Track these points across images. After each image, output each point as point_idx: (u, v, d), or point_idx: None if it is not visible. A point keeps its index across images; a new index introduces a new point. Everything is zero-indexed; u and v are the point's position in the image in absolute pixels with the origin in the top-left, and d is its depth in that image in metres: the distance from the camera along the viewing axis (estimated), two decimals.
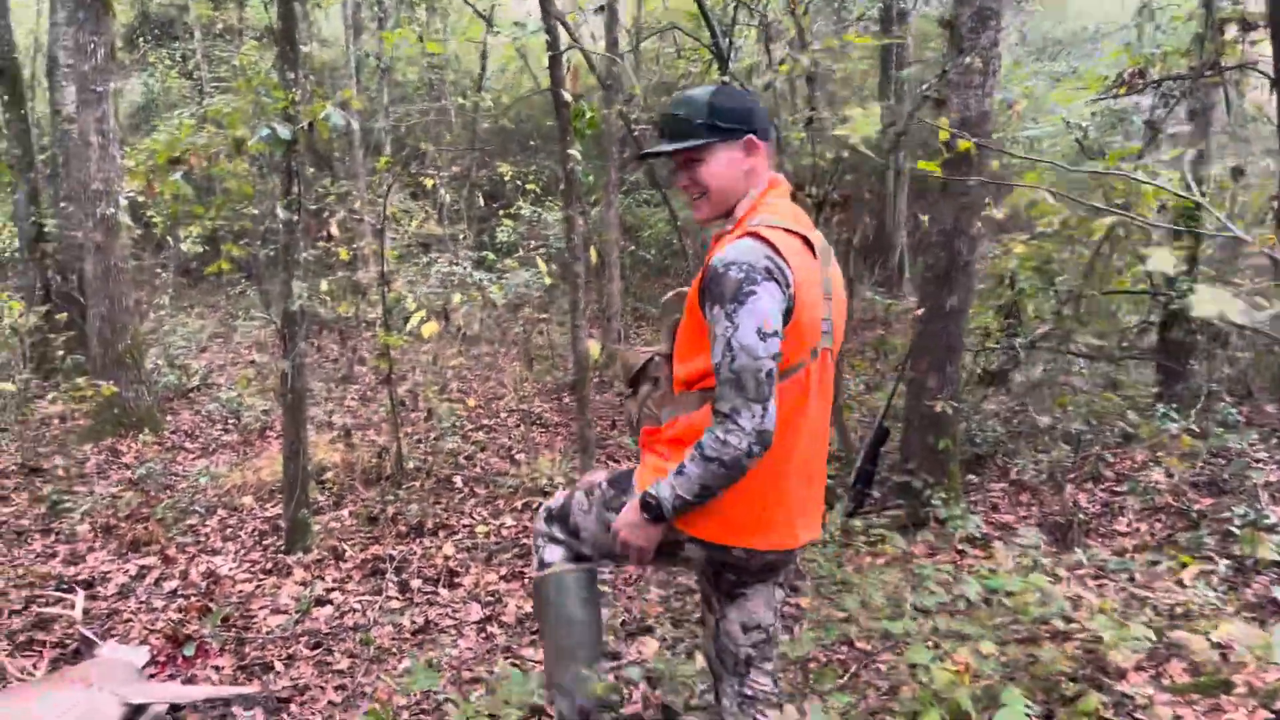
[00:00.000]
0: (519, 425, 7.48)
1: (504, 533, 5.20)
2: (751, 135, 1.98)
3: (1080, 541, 4.41)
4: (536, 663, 3.78)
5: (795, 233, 1.92)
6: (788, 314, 1.85)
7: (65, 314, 8.59)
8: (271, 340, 9.84)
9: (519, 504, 5.64)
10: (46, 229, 9.25)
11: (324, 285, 8.24)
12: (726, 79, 4.87)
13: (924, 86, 4.36)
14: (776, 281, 1.82)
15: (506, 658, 3.84)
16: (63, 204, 9.10)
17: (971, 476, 5.55)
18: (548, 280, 8.64)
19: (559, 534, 2.34)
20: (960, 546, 4.42)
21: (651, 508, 1.93)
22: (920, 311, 4.64)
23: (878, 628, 3.11)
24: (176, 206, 5.02)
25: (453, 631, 4.06)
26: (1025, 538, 3.62)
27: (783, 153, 5.14)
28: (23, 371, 8.52)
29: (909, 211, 11.65)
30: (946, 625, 2.89)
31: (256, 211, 9.91)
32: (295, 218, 4.66)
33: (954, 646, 2.82)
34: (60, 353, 8.44)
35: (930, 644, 2.79)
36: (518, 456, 6.66)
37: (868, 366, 8.21)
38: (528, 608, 4.24)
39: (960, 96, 4.48)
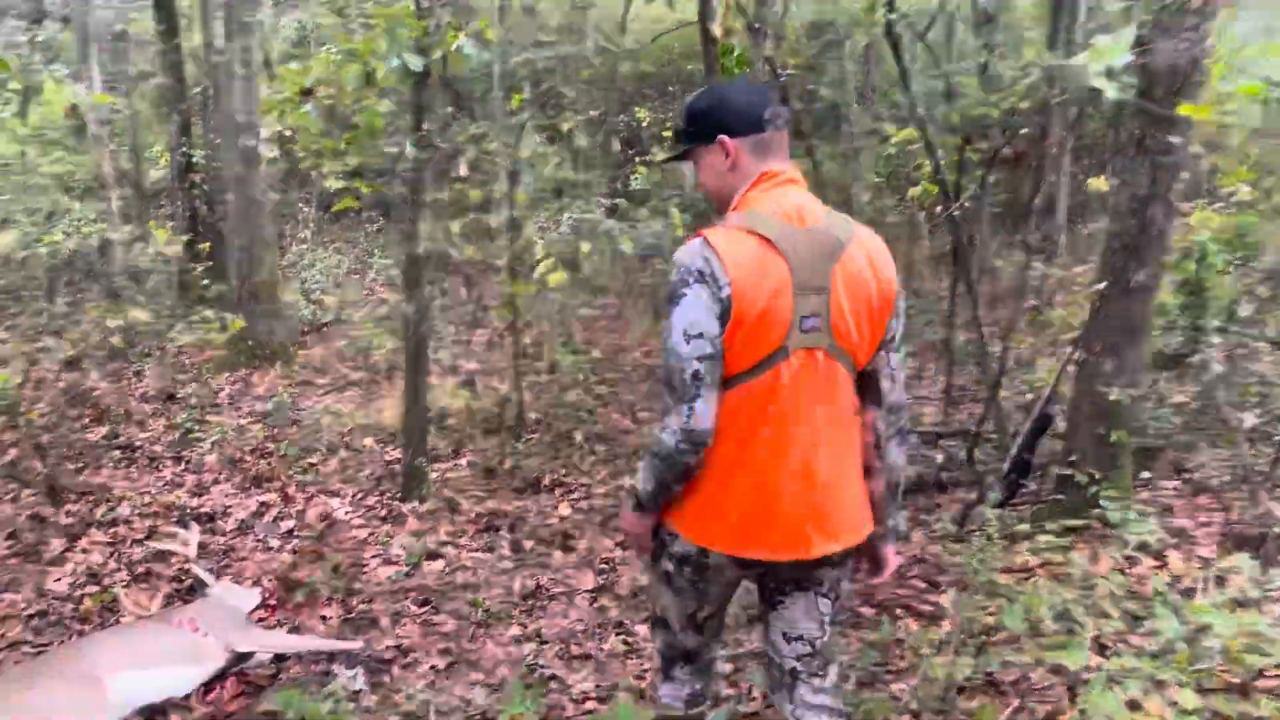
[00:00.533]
0: (643, 381, 7.23)
1: (622, 496, 4.98)
2: (723, 136, 1.97)
3: (1275, 559, 3.85)
4: (648, 641, 3.55)
5: (754, 232, 1.86)
6: (726, 315, 1.82)
7: (208, 244, 8.79)
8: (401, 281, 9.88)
9: (638, 466, 5.40)
10: (195, 160, 9.47)
11: (455, 227, 8.13)
12: (893, 16, 4.38)
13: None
14: (706, 283, 1.82)
15: (618, 634, 3.61)
16: (211, 135, 9.29)
17: (1142, 473, 4.98)
18: (680, 232, 8.29)
19: (658, 642, 2.24)
20: (1131, 553, 3.92)
21: (633, 497, 2.06)
22: (1102, 286, 4.10)
23: (1045, 655, 2.71)
24: (307, 139, 4.90)
25: (563, 600, 3.87)
26: (1231, 560, 3.11)
27: (950, 102, 4.64)
28: (169, 298, 8.79)
29: (1070, 172, 10.77)
30: (1133, 661, 2.47)
31: (395, 150, 9.89)
32: (425, 156, 4.47)
33: (1137, 685, 2.41)
34: (205, 282, 8.66)
35: (1111, 684, 2.39)
36: (640, 415, 6.42)
37: (1021, 339, 7.57)
38: (642, 581, 4.01)
39: (1169, 41, 3.88)
